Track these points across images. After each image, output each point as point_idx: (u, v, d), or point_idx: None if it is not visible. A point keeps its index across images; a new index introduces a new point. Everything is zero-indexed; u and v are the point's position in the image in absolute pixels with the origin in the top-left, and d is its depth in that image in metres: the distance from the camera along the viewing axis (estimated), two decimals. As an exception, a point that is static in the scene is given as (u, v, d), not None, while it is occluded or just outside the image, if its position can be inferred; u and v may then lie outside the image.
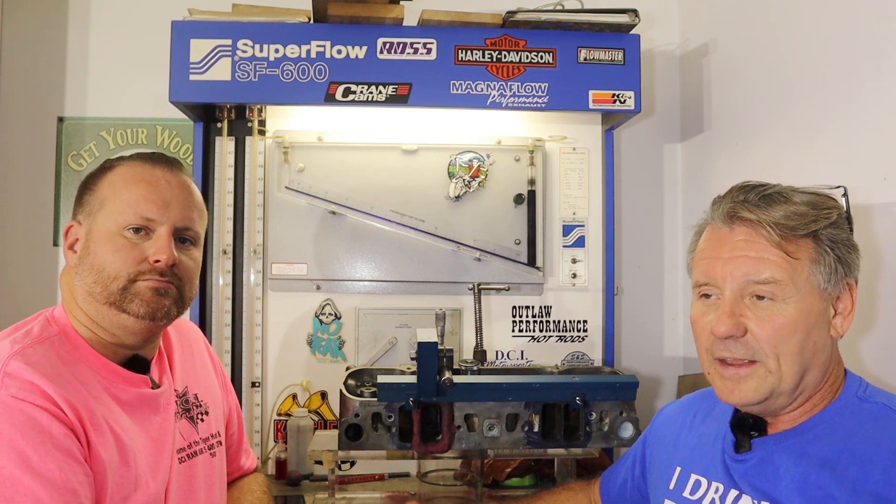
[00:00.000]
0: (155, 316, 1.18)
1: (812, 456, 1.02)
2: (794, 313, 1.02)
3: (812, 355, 1.04)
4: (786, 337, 1.02)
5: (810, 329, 1.03)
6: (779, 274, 1.02)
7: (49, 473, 1.01)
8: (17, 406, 1.03)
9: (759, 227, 1.04)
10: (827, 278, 1.04)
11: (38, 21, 2.47)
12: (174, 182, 1.24)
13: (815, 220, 1.04)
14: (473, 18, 2.07)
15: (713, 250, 1.09)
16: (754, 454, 1.09)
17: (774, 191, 1.07)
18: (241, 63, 2.01)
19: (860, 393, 1.07)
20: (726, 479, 1.11)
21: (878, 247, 1.56)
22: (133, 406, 1.19)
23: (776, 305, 1.03)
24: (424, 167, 2.24)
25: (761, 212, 1.04)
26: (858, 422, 1.03)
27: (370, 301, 2.26)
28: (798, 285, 1.03)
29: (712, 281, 1.08)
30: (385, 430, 1.65)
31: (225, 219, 2.20)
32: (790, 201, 1.05)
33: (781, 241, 1.03)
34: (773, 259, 1.03)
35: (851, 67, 1.68)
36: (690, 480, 1.18)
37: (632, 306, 2.58)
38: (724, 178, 2.25)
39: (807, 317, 1.03)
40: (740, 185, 1.11)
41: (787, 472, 1.03)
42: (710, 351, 1.09)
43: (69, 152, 2.47)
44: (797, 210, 1.04)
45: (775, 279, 1.02)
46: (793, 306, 1.02)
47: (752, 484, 1.07)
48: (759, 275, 1.03)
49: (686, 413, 1.31)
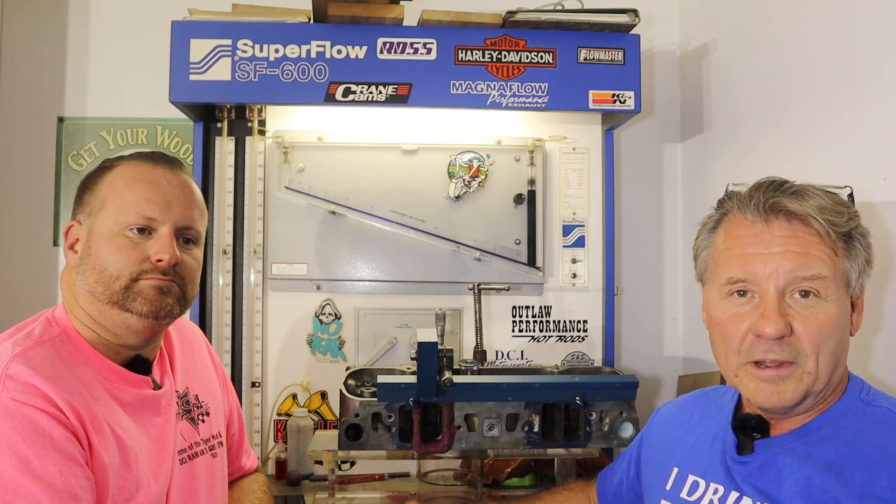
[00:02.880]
0: (158, 314, 1.18)
1: (817, 459, 1.01)
2: (835, 312, 1.00)
3: (841, 355, 1.03)
4: (827, 336, 1.00)
5: (843, 329, 1.03)
6: (826, 270, 0.99)
7: (50, 477, 1.01)
8: (19, 409, 1.02)
9: (803, 220, 1.01)
10: (857, 277, 1.03)
11: (38, 21, 2.47)
12: (175, 181, 1.24)
13: (851, 219, 1.03)
14: (473, 18, 2.07)
15: (748, 245, 1.04)
16: (757, 456, 1.08)
17: (800, 187, 1.05)
18: (241, 63, 2.01)
19: (863, 395, 1.06)
20: (727, 480, 1.10)
21: (878, 247, 1.56)
22: (134, 407, 1.19)
23: (820, 303, 1.00)
24: (424, 167, 2.24)
25: (804, 201, 1.01)
26: (863, 425, 1.02)
27: (370, 301, 2.26)
28: (838, 283, 1.01)
29: (751, 277, 1.03)
30: (385, 430, 1.66)
31: (225, 219, 2.20)
32: (823, 198, 1.02)
33: (828, 235, 1.00)
34: (819, 255, 1.00)
35: (851, 67, 1.68)
36: (688, 481, 1.17)
37: (632, 306, 2.58)
38: (724, 178, 2.25)
39: (844, 316, 1.02)
40: (766, 179, 1.07)
41: (790, 474, 1.02)
42: (743, 352, 1.04)
43: (69, 152, 2.47)
44: (835, 207, 1.02)
45: (822, 275, 0.99)
46: (834, 304, 1.00)
47: (754, 486, 1.06)
48: (806, 270, 0.99)
49: (683, 413, 1.30)
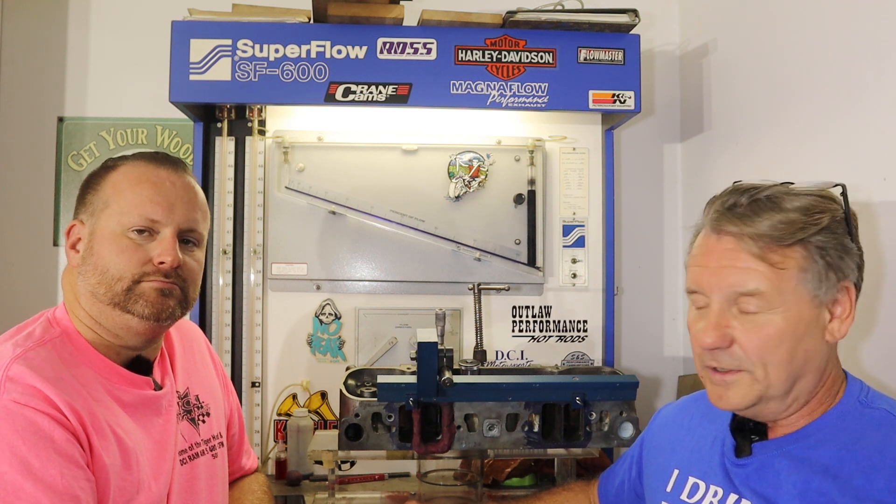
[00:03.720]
0: (159, 317, 1.18)
1: (814, 462, 1.01)
2: (781, 323, 1.00)
3: (803, 363, 1.02)
4: (773, 347, 1.01)
5: (800, 338, 1.01)
6: (764, 285, 1.00)
7: (50, 479, 1.00)
8: (19, 411, 1.02)
9: (744, 240, 1.02)
10: (817, 285, 1.01)
11: (38, 21, 2.47)
12: (178, 183, 1.23)
13: (803, 228, 1.00)
14: (473, 18, 2.07)
15: (702, 258, 1.07)
16: (755, 459, 1.08)
17: (766, 195, 1.04)
18: (241, 63, 2.01)
19: (862, 398, 1.05)
20: (726, 483, 1.10)
21: (878, 247, 1.57)
22: (135, 408, 1.19)
23: (763, 316, 1.01)
24: (424, 167, 2.24)
25: (744, 223, 1.02)
26: (861, 428, 1.02)
27: (370, 301, 2.26)
28: (786, 295, 1.00)
29: (700, 289, 1.07)
30: (385, 430, 1.66)
31: (225, 219, 2.20)
32: (779, 208, 1.02)
33: (765, 254, 1.01)
34: (758, 270, 1.01)
35: (851, 67, 1.68)
36: (688, 483, 1.17)
37: (632, 306, 2.58)
38: (724, 178, 2.24)
39: (795, 326, 1.01)
40: (732, 187, 1.08)
41: (788, 477, 1.02)
42: (700, 358, 1.08)
43: (69, 152, 2.47)
44: (785, 218, 1.01)
45: (760, 290, 1.00)
46: (780, 316, 1.00)
47: (752, 489, 1.06)
48: (744, 286, 1.01)
49: (684, 414, 1.30)
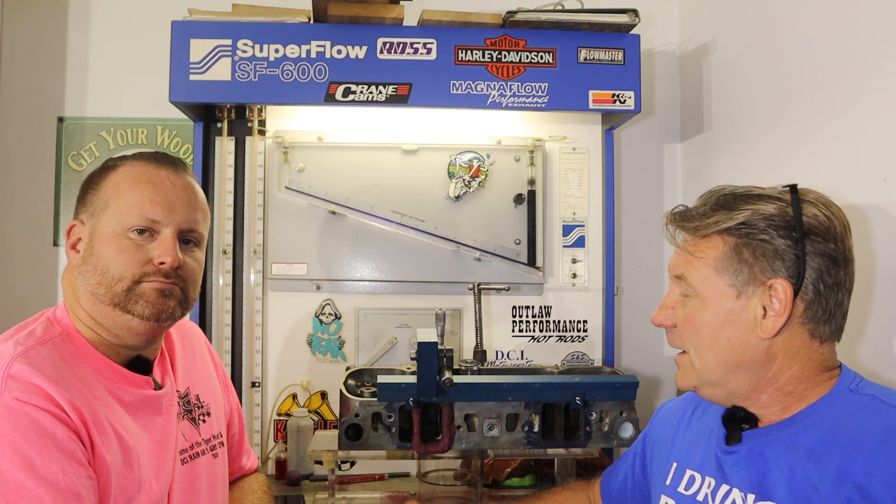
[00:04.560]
0: (160, 317, 1.18)
1: (800, 447, 1.03)
2: (700, 308, 1.10)
3: (730, 352, 1.08)
4: (694, 330, 1.11)
5: (720, 326, 1.08)
6: (687, 271, 1.12)
7: (52, 477, 1.01)
8: (21, 409, 1.02)
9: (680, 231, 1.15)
10: (733, 277, 1.07)
11: (38, 21, 2.47)
12: (179, 183, 1.24)
13: (718, 223, 1.09)
14: (473, 18, 2.07)
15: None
16: (744, 446, 1.10)
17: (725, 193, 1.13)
18: (241, 63, 2.01)
19: (852, 386, 1.06)
20: (718, 473, 1.12)
21: (878, 247, 1.57)
22: (136, 407, 1.19)
23: (691, 301, 1.12)
24: (424, 167, 2.24)
25: (675, 218, 1.16)
26: (847, 412, 1.03)
27: (370, 301, 2.26)
28: (705, 282, 1.09)
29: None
30: (385, 430, 1.66)
31: (225, 219, 2.20)
32: (705, 205, 1.13)
33: (687, 244, 1.13)
34: (682, 256, 1.14)
35: (851, 67, 1.68)
36: (686, 476, 1.19)
37: (632, 306, 2.58)
38: (724, 178, 2.25)
39: (713, 313, 1.09)
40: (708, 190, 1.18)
41: (776, 463, 1.04)
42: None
43: (69, 152, 2.47)
44: (704, 212, 1.12)
45: (683, 275, 1.12)
46: (701, 302, 1.10)
47: (740, 475, 1.07)
48: (675, 270, 1.15)
49: (684, 409, 1.32)
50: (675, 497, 1.19)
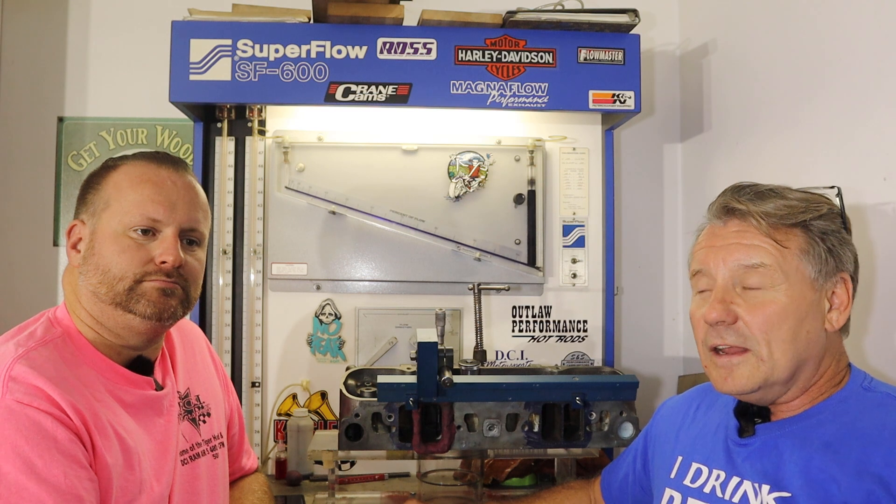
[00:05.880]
0: (161, 316, 1.18)
1: (816, 440, 1.04)
2: (784, 300, 1.04)
3: (806, 345, 1.05)
4: (777, 324, 1.04)
5: (802, 318, 1.05)
6: (768, 259, 1.05)
7: (54, 479, 1.00)
8: (22, 411, 1.02)
9: (750, 218, 1.08)
10: (818, 269, 1.06)
11: (38, 21, 2.47)
12: (180, 183, 1.24)
13: (805, 211, 1.07)
14: (473, 18, 2.07)
15: (708, 240, 1.13)
16: (758, 438, 1.10)
17: (767, 188, 1.11)
18: (241, 63, 2.01)
19: (865, 384, 1.09)
20: (728, 466, 1.12)
21: (879, 247, 1.57)
22: (137, 408, 1.19)
23: (767, 293, 1.05)
24: (424, 167, 2.24)
25: (752, 203, 1.09)
26: (862, 408, 1.05)
27: (370, 301, 2.26)
28: (788, 273, 1.05)
29: (705, 268, 1.11)
30: (385, 430, 1.66)
31: (225, 219, 2.20)
32: (781, 196, 1.09)
33: (771, 230, 1.06)
34: (762, 246, 1.06)
35: (851, 67, 1.68)
36: (692, 469, 1.19)
37: (632, 306, 2.58)
38: (724, 178, 2.25)
39: (798, 305, 1.05)
40: (734, 185, 1.14)
41: (790, 455, 1.05)
42: (704, 341, 1.11)
43: (69, 152, 2.47)
44: (787, 203, 1.08)
45: (764, 264, 1.05)
46: (783, 293, 1.05)
47: (753, 467, 1.08)
48: (748, 259, 1.06)
49: (688, 405, 1.33)
50: (680, 490, 1.19)
